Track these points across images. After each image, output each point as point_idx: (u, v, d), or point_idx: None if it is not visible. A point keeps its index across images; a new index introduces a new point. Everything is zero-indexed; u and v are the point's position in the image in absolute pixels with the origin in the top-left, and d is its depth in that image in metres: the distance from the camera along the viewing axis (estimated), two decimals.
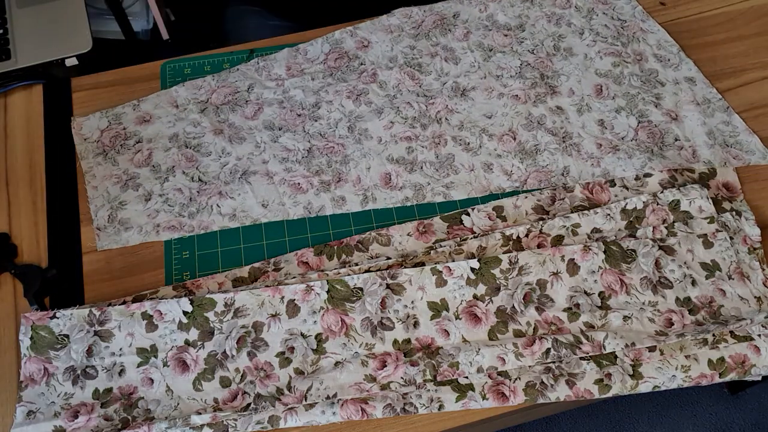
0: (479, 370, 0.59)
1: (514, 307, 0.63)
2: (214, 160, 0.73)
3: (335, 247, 0.67)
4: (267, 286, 0.63)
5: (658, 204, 0.69)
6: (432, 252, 0.66)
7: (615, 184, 0.72)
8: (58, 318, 0.60)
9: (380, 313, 0.62)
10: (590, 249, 0.65)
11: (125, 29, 1.23)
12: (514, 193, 0.72)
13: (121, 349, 0.60)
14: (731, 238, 0.68)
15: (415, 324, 0.62)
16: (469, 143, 0.75)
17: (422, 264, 0.65)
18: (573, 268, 0.65)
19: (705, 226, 0.68)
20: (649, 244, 0.66)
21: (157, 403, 0.58)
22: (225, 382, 0.59)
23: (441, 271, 0.64)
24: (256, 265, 0.66)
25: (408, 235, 0.68)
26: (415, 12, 0.87)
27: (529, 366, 0.60)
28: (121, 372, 0.59)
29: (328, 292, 0.62)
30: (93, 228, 0.68)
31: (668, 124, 0.77)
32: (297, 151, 0.74)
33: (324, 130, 0.76)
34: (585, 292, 0.64)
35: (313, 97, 0.79)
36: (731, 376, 0.61)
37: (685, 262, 0.66)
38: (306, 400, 0.58)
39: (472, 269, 0.64)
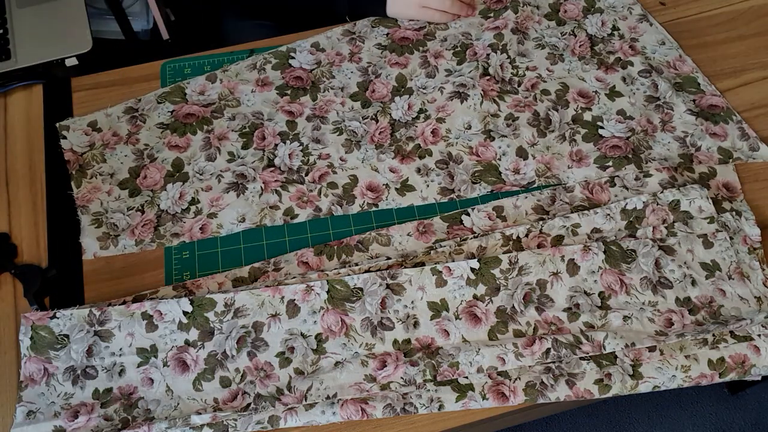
0: (479, 370, 0.59)
1: (514, 307, 0.63)
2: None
3: (335, 247, 0.67)
4: (267, 286, 0.63)
5: (658, 204, 0.69)
6: (432, 252, 0.66)
7: (615, 184, 0.72)
8: (58, 318, 0.60)
9: (380, 313, 0.62)
10: (590, 249, 0.65)
11: (125, 29, 1.23)
12: (514, 192, 0.72)
13: (121, 349, 0.60)
14: (731, 238, 0.68)
15: (415, 324, 0.62)
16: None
17: (422, 264, 0.65)
18: (573, 268, 0.65)
19: (705, 226, 0.68)
20: (649, 244, 0.66)
21: (157, 403, 0.58)
22: (225, 382, 0.59)
23: (441, 271, 0.64)
24: (256, 265, 0.66)
25: (408, 235, 0.68)
26: None
27: (529, 366, 0.60)
28: (121, 372, 0.59)
29: (328, 292, 0.62)
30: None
31: None
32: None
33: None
34: (585, 292, 0.64)
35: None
36: (731, 376, 0.61)
37: (685, 262, 0.66)
38: (306, 400, 0.58)
39: (472, 269, 0.64)
